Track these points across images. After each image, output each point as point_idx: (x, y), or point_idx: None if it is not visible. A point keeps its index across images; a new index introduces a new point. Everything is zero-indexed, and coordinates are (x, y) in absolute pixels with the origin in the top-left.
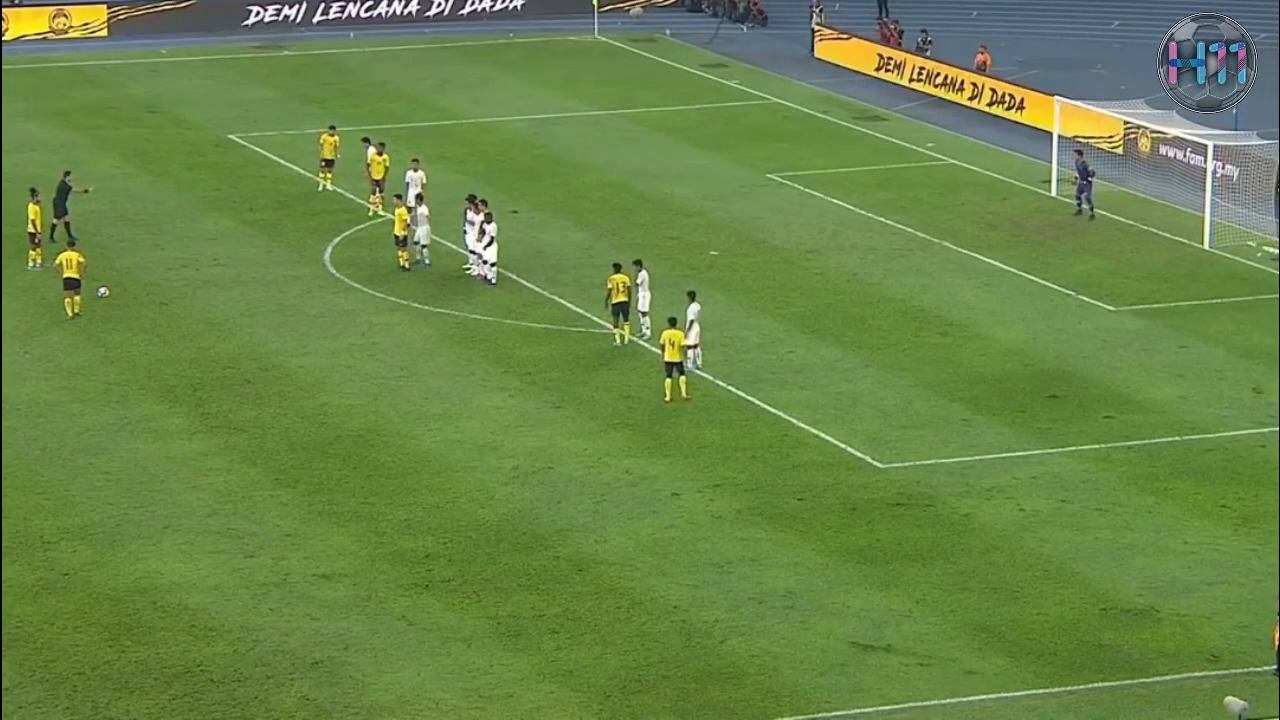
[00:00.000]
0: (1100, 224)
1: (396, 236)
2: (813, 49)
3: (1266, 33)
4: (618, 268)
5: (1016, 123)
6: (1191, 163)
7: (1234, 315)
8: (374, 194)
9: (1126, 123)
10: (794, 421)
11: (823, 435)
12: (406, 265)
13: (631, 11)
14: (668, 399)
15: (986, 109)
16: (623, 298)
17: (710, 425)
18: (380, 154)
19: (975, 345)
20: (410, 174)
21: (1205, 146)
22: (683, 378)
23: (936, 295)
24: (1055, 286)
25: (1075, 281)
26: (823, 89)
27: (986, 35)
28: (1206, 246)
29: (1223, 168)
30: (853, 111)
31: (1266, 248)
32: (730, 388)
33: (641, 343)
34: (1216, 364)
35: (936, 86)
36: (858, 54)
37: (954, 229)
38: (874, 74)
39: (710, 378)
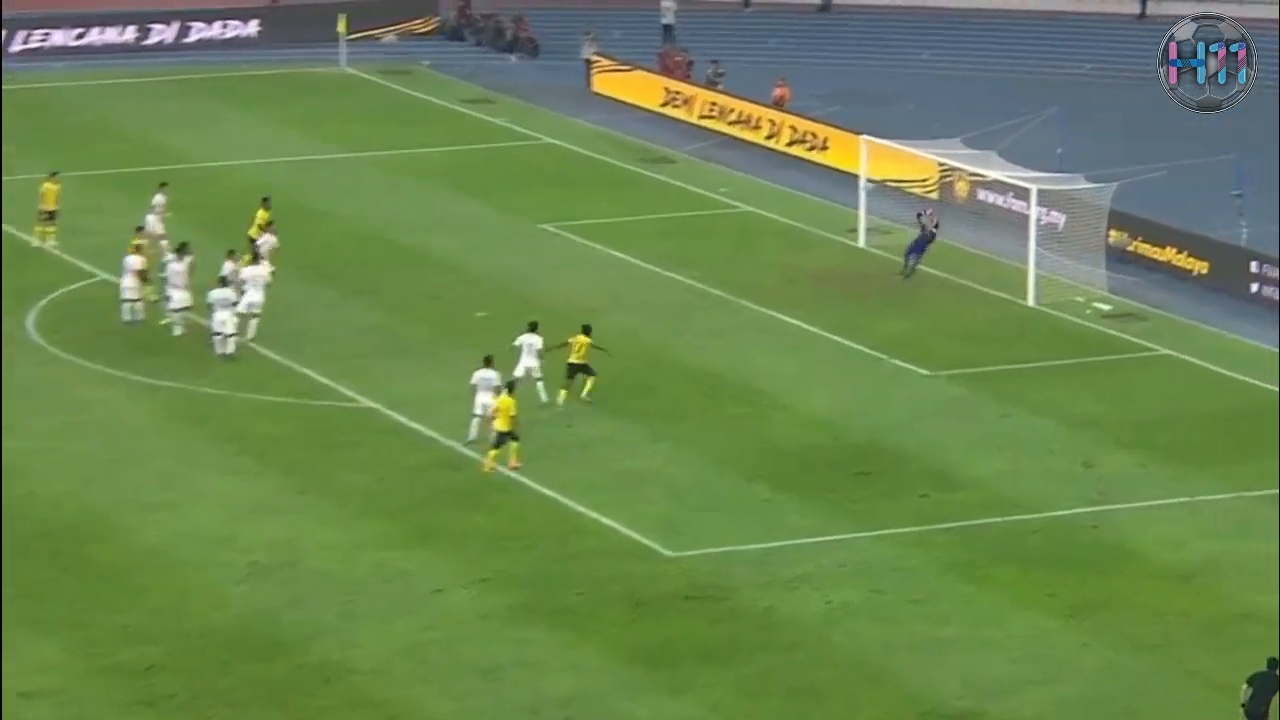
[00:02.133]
0: (914, 278)
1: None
2: (589, 82)
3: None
4: (586, 329)
5: (819, 164)
6: (1013, 209)
7: (1062, 379)
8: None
9: (941, 164)
10: (572, 505)
11: (605, 520)
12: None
13: (384, 40)
14: (486, 470)
15: (786, 149)
16: (577, 359)
17: (477, 511)
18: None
19: (777, 416)
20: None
21: (1028, 191)
22: (514, 444)
23: (732, 359)
24: (865, 349)
25: (887, 343)
26: (602, 127)
27: (785, 67)
28: (1030, 303)
29: (1047, 214)
30: (636, 152)
31: (1096, 304)
32: (499, 468)
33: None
34: (1043, 435)
35: (730, 124)
36: (641, 87)
37: (751, 284)
38: (659, 110)
39: (478, 456)
